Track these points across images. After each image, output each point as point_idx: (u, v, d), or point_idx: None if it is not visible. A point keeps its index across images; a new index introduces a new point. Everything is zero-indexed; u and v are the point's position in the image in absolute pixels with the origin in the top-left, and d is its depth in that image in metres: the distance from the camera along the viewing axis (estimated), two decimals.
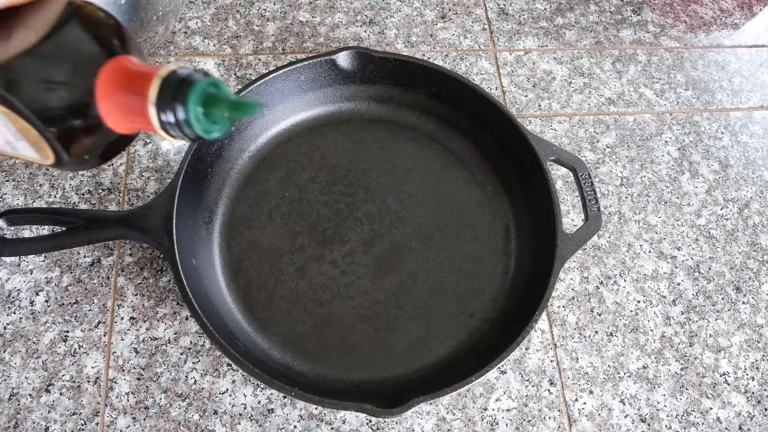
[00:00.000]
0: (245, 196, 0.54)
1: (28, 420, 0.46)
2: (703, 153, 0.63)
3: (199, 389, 0.48)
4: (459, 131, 0.58)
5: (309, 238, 0.53)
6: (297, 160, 0.56)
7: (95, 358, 0.48)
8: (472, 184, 0.57)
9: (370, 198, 0.55)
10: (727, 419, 0.51)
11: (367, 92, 0.58)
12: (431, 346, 0.50)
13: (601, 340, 0.53)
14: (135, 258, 0.52)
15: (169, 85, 0.27)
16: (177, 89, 0.27)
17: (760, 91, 0.67)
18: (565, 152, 0.53)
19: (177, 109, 0.27)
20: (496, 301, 0.52)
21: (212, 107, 0.27)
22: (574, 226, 0.57)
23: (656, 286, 0.56)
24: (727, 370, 0.53)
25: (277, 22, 0.65)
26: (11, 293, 0.50)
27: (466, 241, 0.54)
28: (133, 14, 0.51)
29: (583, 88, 0.65)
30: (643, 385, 0.51)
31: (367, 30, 0.66)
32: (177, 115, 0.27)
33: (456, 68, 0.64)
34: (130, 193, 0.55)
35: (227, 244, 0.52)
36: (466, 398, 0.49)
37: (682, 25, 0.71)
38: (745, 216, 0.60)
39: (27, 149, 0.31)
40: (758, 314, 0.55)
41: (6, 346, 0.48)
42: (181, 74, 0.27)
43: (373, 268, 0.52)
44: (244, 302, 0.50)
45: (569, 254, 0.48)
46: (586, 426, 0.49)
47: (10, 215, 0.48)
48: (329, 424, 0.47)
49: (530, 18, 0.69)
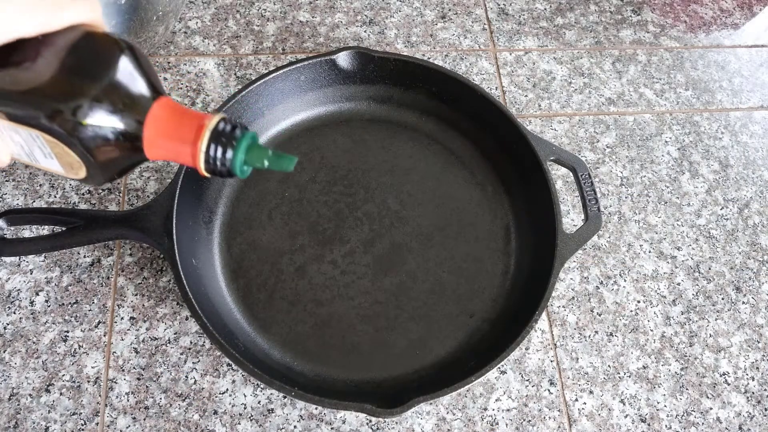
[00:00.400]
0: (245, 196, 0.54)
1: (28, 420, 0.46)
2: (703, 153, 0.63)
3: (199, 389, 0.48)
4: (459, 131, 0.58)
5: (309, 238, 0.53)
6: (297, 160, 0.56)
7: (95, 358, 0.48)
8: (472, 184, 0.57)
9: (370, 198, 0.55)
10: (727, 419, 0.51)
11: (367, 92, 0.58)
12: (431, 346, 0.50)
13: (601, 340, 0.53)
14: (135, 258, 0.52)
15: (218, 134, 0.31)
16: (228, 140, 0.31)
17: (760, 91, 0.67)
18: (565, 152, 0.53)
19: (226, 157, 0.31)
20: (496, 301, 0.52)
21: (253, 156, 0.32)
22: (574, 226, 0.57)
23: (656, 286, 0.56)
24: (727, 370, 0.53)
25: (277, 22, 0.65)
26: (11, 293, 0.50)
27: (466, 241, 0.54)
28: (133, 14, 0.51)
29: (583, 88, 0.65)
30: (643, 385, 0.51)
31: (367, 30, 0.66)
32: (225, 161, 0.31)
33: (456, 68, 0.64)
34: (130, 193, 0.55)
35: (227, 244, 0.52)
36: (466, 398, 0.49)
37: (682, 25, 0.71)
38: (745, 216, 0.60)
39: (52, 164, 0.32)
40: (758, 314, 0.55)
41: (6, 346, 0.48)
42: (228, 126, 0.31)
43: (373, 268, 0.52)
44: (244, 302, 0.50)
45: (569, 254, 0.48)
46: (586, 426, 0.49)
47: (10, 215, 0.48)
48: (329, 424, 0.47)
49: (530, 18, 0.69)
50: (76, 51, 0.30)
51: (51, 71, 0.29)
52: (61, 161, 0.31)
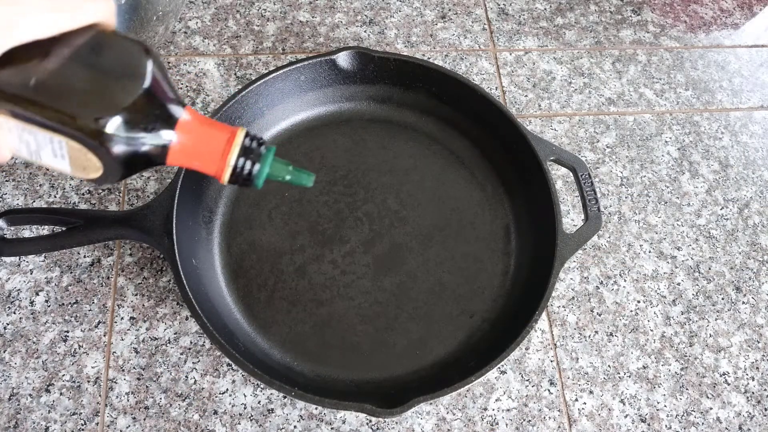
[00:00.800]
0: (245, 196, 0.54)
1: (28, 420, 0.46)
2: (703, 153, 0.63)
3: (199, 389, 0.48)
4: (459, 131, 0.58)
5: (309, 238, 0.53)
6: (297, 160, 0.56)
7: (95, 358, 0.48)
8: (472, 184, 0.57)
9: (370, 198, 0.55)
10: (727, 419, 0.51)
11: (367, 92, 0.58)
12: (431, 346, 0.50)
13: (601, 340, 0.53)
14: (135, 258, 0.52)
15: (246, 149, 0.32)
16: (255, 155, 0.33)
17: (760, 91, 0.67)
18: (565, 152, 0.53)
19: (253, 171, 0.33)
20: (496, 301, 0.52)
21: (276, 170, 0.34)
22: (574, 226, 0.57)
23: (656, 286, 0.56)
24: (727, 370, 0.53)
25: (277, 22, 0.65)
26: (11, 293, 0.50)
27: (466, 241, 0.54)
28: (133, 14, 0.51)
29: (583, 88, 0.65)
30: (643, 385, 0.51)
31: (367, 30, 0.66)
32: (252, 175, 0.33)
33: (456, 68, 0.64)
34: (130, 193, 0.55)
35: (227, 244, 0.52)
36: (466, 398, 0.49)
37: (682, 25, 0.71)
38: (745, 216, 0.60)
39: (60, 164, 0.31)
40: (758, 314, 0.55)
41: (6, 346, 0.48)
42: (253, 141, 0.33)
43: (373, 268, 0.52)
44: (244, 302, 0.50)
45: (569, 254, 0.48)
46: (586, 426, 0.49)
47: (10, 215, 0.48)
48: (329, 424, 0.47)
49: (530, 18, 0.69)
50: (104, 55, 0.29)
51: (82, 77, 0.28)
52: (74, 163, 0.30)
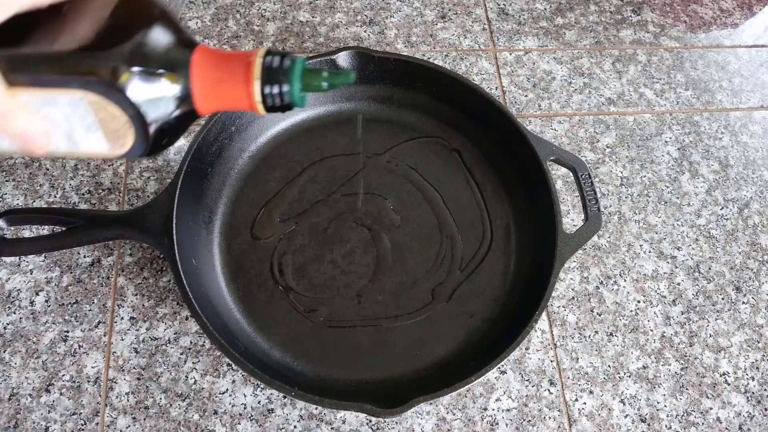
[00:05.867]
0: (245, 196, 0.54)
1: (28, 420, 0.46)
2: (703, 153, 0.63)
3: (199, 389, 0.48)
4: (459, 131, 0.58)
5: (309, 238, 0.53)
6: (297, 160, 0.56)
7: (95, 358, 0.48)
8: (472, 184, 0.57)
9: (370, 198, 0.55)
10: (727, 419, 0.51)
11: (367, 92, 0.58)
12: (431, 346, 0.50)
13: (601, 340, 0.53)
14: (135, 258, 0.52)
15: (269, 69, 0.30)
16: (280, 66, 0.30)
17: (760, 91, 0.67)
18: (565, 152, 0.53)
19: (282, 91, 0.30)
20: (496, 301, 0.52)
21: (309, 82, 0.31)
22: (574, 226, 0.57)
23: (656, 286, 0.56)
24: (727, 370, 0.53)
25: (277, 22, 0.65)
26: (11, 293, 0.50)
27: (466, 241, 0.54)
28: None
29: (583, 88, 0.65)
30: (643, 385, 0.51)
31: (367, 30, 0.66)
32: (283, 96, 0.30)
33: (456, 68, 0.64)
34: (130, 193, 0.55)
35: (227, 244, 0.52)
36: (466, 398, 0.49)
37: (682, 25, 0.71)
38: (745, 216, 0.60)
39: (96, 139, 0.31)
40: (758, 314, 0.55)
41: (6, 346, 0.48)
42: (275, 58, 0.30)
43: (373, 268, 0.52)
44: (244, 302, 0.50)
45: (569, 254, 0.48)
46: (586, 426, 0.49)
47: (10, 215, 0.48)
48: (329, 424, 0.47)
49: (530, 18, 0.69)
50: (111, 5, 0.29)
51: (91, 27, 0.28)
52: (106, 129, 0.30)
